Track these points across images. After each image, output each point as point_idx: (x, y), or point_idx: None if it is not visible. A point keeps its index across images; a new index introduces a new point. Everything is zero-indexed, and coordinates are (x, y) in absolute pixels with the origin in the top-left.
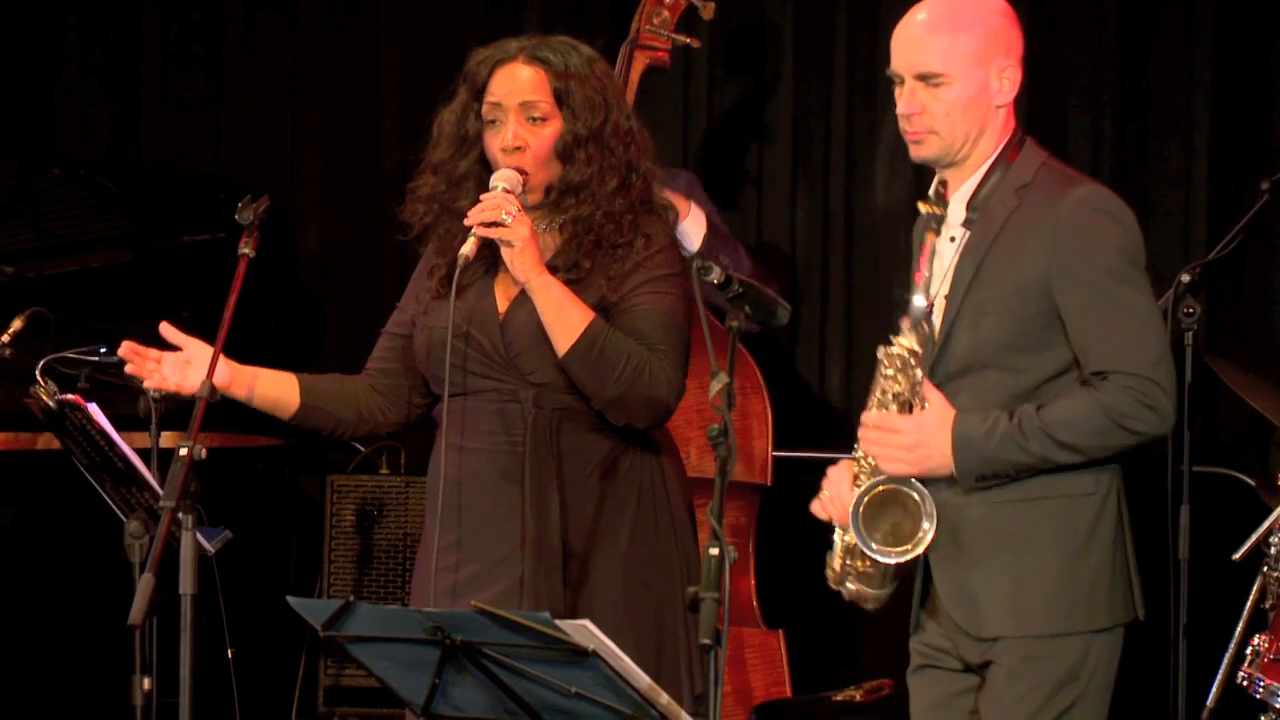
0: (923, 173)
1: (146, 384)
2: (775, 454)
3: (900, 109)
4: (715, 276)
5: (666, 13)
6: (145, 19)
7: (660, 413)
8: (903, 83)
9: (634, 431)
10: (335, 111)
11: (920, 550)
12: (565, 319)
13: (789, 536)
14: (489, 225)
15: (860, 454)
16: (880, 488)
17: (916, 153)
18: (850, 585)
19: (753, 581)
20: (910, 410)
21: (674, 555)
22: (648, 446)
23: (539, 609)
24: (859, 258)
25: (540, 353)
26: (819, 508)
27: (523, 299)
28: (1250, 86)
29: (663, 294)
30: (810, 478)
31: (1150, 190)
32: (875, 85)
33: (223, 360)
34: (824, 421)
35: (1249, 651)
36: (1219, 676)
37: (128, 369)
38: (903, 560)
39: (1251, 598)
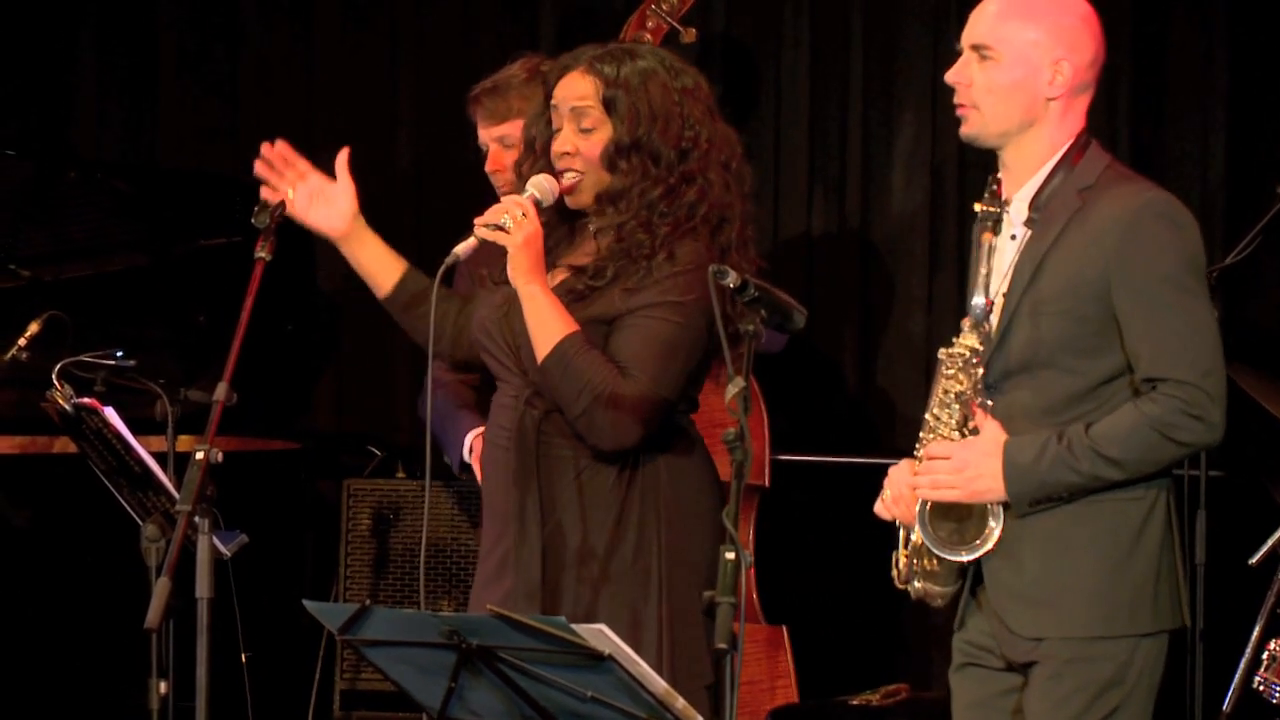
0: (940, 179)
1: (266, 193)
2: (795, 458)
3: (947, 75)
4: (731, 281)
5: (649, 36)
6: (161, 21)
7: (620, 437)
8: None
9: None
10: (351, 115)
11: (988, 547)
12: (545, 329)
13: (796, 536)
14: (492, 228)
15: (920, 453)
16: None
17: (961, 129)
18: (917, 584)
19: (753, 578)
20: (968, 409)
21: (652, 564)
22: (647, 454)
23: (521, 610)
24: (875, 264)
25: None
26: (882, 508)
27: None
28: (1267, 89)
29: (661, 320)
30: (817, 481)
31: None
32: (891, 90)
33: (352, 215)
34: (842, 426)
35: (1265, 656)
36: (1235, 681)
37: (258, 167)
38: (970, 558)
39: (1267, 602)
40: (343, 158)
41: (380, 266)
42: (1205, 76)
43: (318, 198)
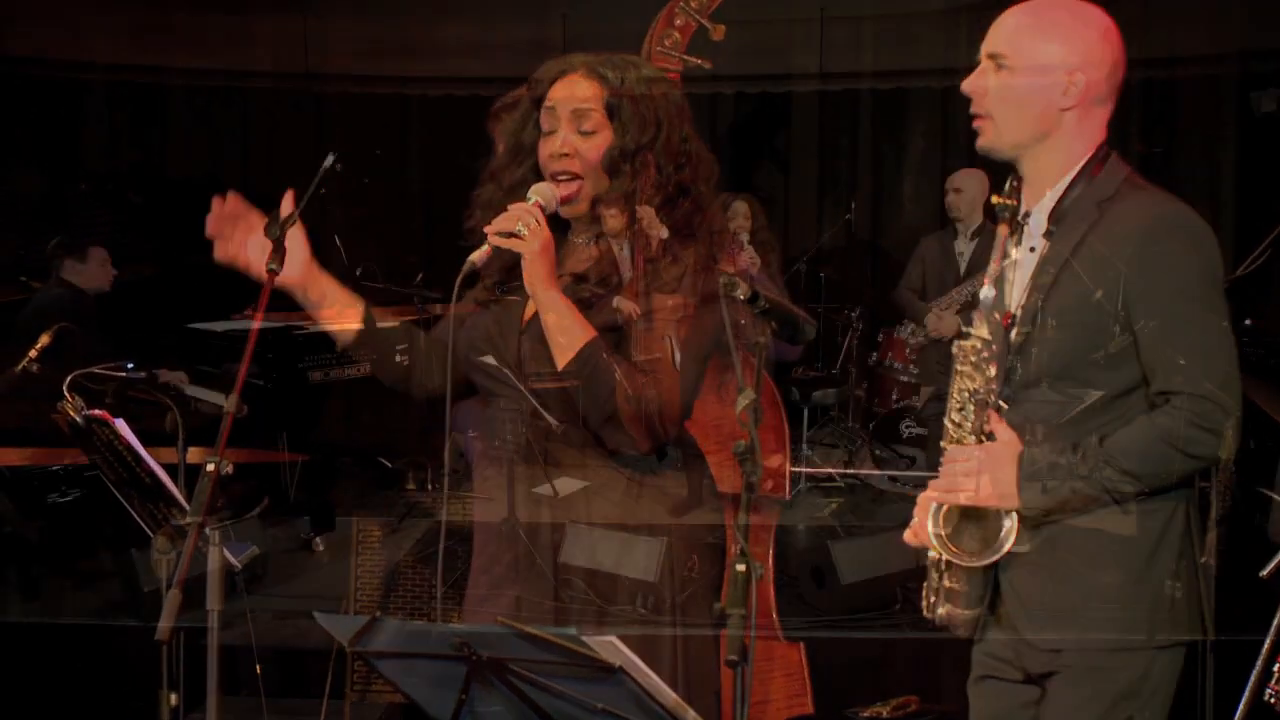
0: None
1: (219, 251)
2: (795, 470)
3: (964, 84)
4: (741, 292)
5: (677, 34)
6: (173, 31)
7: (642, 441)
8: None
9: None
10: (363, 127)
11: (1006, 548)
12: (567, 335)
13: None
14: (506, 235)
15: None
16: None
17: (978, 141)
18: (941, 611)
19: (772, 595)
20: (984, 410)
21: (663, 573)
22: (653, 461)
23: (529, 622)
24: (885, 276)
25: (545, 366)
26: (911, 536)
27: None
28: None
29: (673, 323)
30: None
31: None
32: (901, 105)
33: (306, 261)
34: (853, 437)
35: (1276, 669)
36: (1245, 694)
37: (210, 224)
38: (988, 560)
39: (1278, 615)
40: (287, 202)
41: (340, 310)
42: (1215, 86)
43: (261, 250)
